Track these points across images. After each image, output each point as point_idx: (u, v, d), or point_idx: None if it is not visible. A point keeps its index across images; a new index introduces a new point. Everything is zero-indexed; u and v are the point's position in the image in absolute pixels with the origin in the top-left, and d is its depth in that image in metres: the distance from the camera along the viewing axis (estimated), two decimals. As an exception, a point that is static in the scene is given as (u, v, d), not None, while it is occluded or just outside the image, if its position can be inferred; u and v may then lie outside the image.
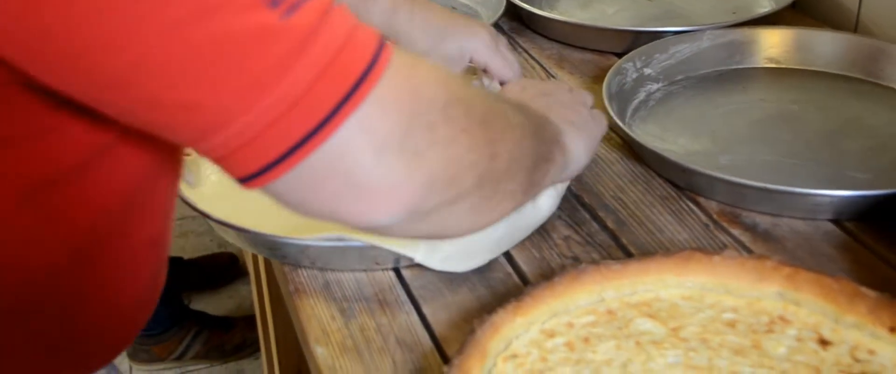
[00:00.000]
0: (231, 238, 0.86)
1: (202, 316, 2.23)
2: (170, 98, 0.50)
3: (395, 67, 0.54)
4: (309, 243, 0.79)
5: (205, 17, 0.48)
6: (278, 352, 1.58)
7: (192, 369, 2.23)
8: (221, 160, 0.53)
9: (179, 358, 2.19)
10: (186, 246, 2.58)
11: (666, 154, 0.92)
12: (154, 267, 0.73)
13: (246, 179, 0.54)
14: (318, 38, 0.51)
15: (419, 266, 0.81)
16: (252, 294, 1.71)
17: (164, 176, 0.69)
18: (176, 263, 2.39)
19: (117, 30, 0.48)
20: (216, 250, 2.54)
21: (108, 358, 0.75)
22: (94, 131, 0.59)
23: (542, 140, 0.71)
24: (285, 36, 0.50)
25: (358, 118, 0.52)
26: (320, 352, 0.73)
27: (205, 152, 0.53)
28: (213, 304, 2.39)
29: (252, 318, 2.13)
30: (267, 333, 1.64)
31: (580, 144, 0.79)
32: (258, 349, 2.17)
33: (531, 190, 0.70)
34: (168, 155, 0.68)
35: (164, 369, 2.20)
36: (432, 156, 0.56)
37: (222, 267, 2.46)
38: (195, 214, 0.86)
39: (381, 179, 0.55)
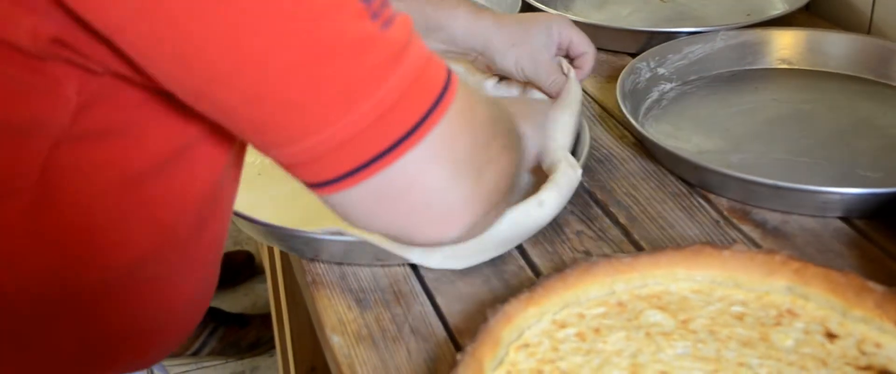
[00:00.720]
0: (249, 231, 0.87)
1: (218, 313, 2.25)
2: (275, 96, 0.51)
3: (461, 91, 0.56)
4: (324, 237, 0.80)
5: (318, 20, 0.50)
6: (293, 348, 1.60)
7: (208, 364, 2.25)
8: (300, 165, 0.54)
9: (195, 354, 2.21)
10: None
11: (678, 151, 0.93)
12: (213, 267, 0.75)
13: (320, 185, 0.55)
14: (409, 52, 0.53)
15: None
16: (267, 291, 1.73)
17: (231, 176, 0.70)
18: None
19: (235, 24, 0.49)
20: (231, 247, 2.56)
21: (162, 354, 0.76)
22: (176, 129, 0.60)
23: (520, 146, 0.71)
24: (384, 46, 0.52)
25: (439, 133, 0.54)
26: (336, 341, 0.75)
27: (280, 157, 0.54)
28: (228, 301, 2.41)
29: (267, 316, 2.15)
30: (282, 329, 1.66)
31: (528, 129, 0.80)
32: (273, 347, 2.19)
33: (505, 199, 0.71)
34: (236, 156, 0.69)
35: (179, 364, 2.22)
36: (489, 172, 0.59)
37: (239, 265, 2.48)
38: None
39: (455, 199, 0.56)
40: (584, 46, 0.98)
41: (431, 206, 0.56)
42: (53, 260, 0.63)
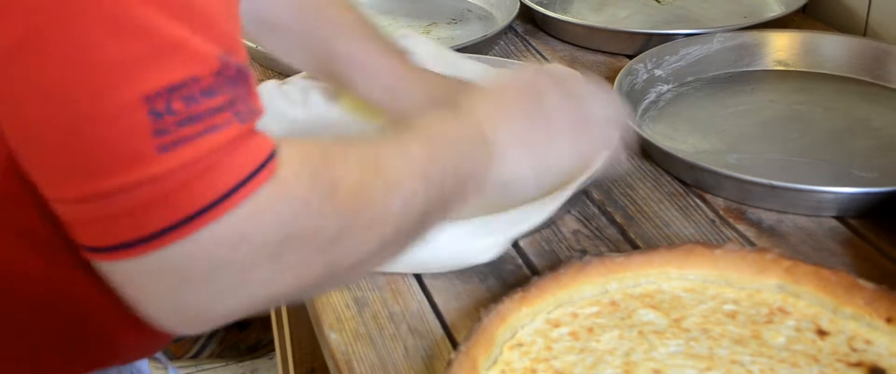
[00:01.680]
0: None
1: None
2: (27, 158, 0.54)
3: (245, 207, 0.53)
4: None
5: (90, 119, 0.50)
6: (293, 350, 1.61)
7: (208, 367, 2.26)
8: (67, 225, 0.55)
9: (195, 356, 2.22)
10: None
11: (674, 152, 0.94)
12: None
13: (92, 251, 0.55)
14: (176, 175, 0.52)
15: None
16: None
17: None
18: None
19: (26, 88, 0.51)
20: None
21: (160, 344, 0.78)
22: None
23: (442, 202, 0.68)
24: (147, 166, 0.51)
25: (169, 251, 0.53)
26: (334, 338, 0.76)
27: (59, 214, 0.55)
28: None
29: (267, 319, 2.16)
30: (282, 331, 1.67)
31: (523, 168, 0.75)
32: (272, 349, 2.19)
33: (413, 241, 0.69)
34: None
35: (179, 367, 2.23)
36: (248, 291, 0.57)
37: None
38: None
39: (176, 310, 0.56)
40: None
41: (161, 309, 0.56)
42: (50, 251, 0.64)
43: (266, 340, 2.21)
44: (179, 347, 2.19)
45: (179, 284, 0.54)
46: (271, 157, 0.55)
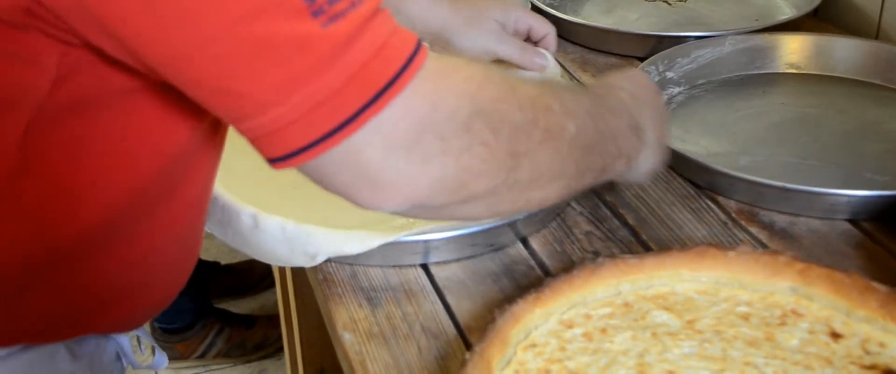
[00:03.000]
0: None
1: (224, 313, 2.26)
2: (213, 84, 0.56)
3: (423, 78, 0.59)
4: None
5: (255, 18, 0.54)
6: (302, 349, 1.61)
7: (215, 368, 2.26)
8: (253, 140, 0.59)
9: (202, 356, 2.22)
10: (210, 247, 2.61)
11: (687, 154, 0.94)
12: (192, 230, 0.77)
13: (273, 161, 0.59)
14: (354, 46, 0.56)
15: (444, 259, 0.84)
16: (276, 292, 1.74)
17: (207, 141, 0.72)
18: (211, 267, 2.42)
19: (178, 16, 0.53)
20: (241, 254, 2.56)
21: (144, 317, 0.80)
22: (146, 98, 0.64)
23: (599, 153, 0.73)
24: (323, 43, 0.55)
25: (375, 123, 0.57)
26: (348, 338, 0.76)
27: (239, 131, 0.59)
28: (236, 304, 2.42)
29: (273, 316, 2.16)
30: (291, 331, 1.67)
31: (648, 165, 0.80)
32: (280, 349, 2.19)
33: (572, 190, 0.73)
34: (211, 122, 0.71)
35: (186, 367, 2.23)
36: (441, 163, 0.61)
37: (257, 276, 2.48)
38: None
39: (387, 178, 0.60)
40: (544, 28, 1.02)
41: (364, 182, 0.60)
42: (33, 224, 0.66)
43: (273, 337, 2.22)
44: (186, 347, 2.20)
45: (386, 154, 0.59)
46: (419, 39, 0.60)
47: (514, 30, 1.02)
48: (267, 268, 2.47)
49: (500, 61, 1.02)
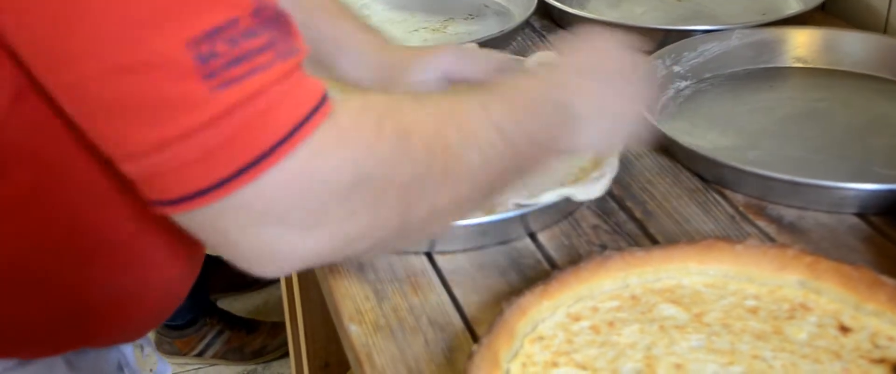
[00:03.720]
0: None
1: (227, 315, 2.24)
2: (85, 124, 0.55)
3: (307, 145, 0.55)
4: None
5: (136, 72, 0.52)
6: (307, 344, 1.61)
7: (218, 362, 2.26)
8: (129, 182, 0.56)
9: (200, 355, 2.21)
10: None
11: (695, 148, 0.94)
12: (192, 243, 0.76)
13: (151, 203, 0.57)
14: (239, 112, 0.53)
15: (450, 251, 0.84)
16: (281, 287, 1.74)
17: None
18: (213, 261, 2.41)
19: (64, 50, 0.52)
20: None
21: (144, 330, 0.79)
22: None
23: (512, 165, 0.69)
24: (206, 107, 0.52)
25: (245, 193, 0.54)
26: (354, 330, 0.76)
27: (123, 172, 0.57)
28: (240, 299, 2.42)
29: (277, 324, 2.16)
30: (295, 326, 1.67)
31: (593, 134, 0.76)
32: (278, 357, 2.18)
33: (486, 202, 0.71)
34: None
35: (185, 363, 2.23)
36: (318, 234, 0.58)
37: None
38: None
39: (255, 248, 0.57)
40: (480, 75, 0.93)
41: (233, 249, 0.57)
42: (17, 229, 0.65)
43: (273, 346, 2.20)
44: (185, 343, 2.19)
45: (256, 225, 0.56)
46: (324, 99, 0.56)
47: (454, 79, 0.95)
48: None
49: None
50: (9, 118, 0.60)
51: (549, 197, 0.83)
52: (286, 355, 2.23)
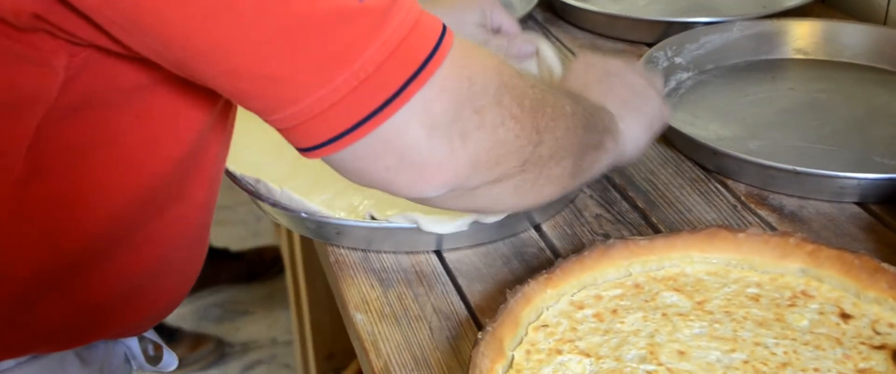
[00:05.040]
0: (272, 215, 0.89)
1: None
2: (252, 71, 0.54)
3: (454, 53, 0.58)
4: (350, 223, 0.82)
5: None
6: (312, 334, 1.62)
7: (225, 352, 2.26)
8: (287, 131, 0.57)
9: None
10: (222, 234, 2.62)
11: (698, 138, 0.94)
12: (198, 237, 0.77)
13: (308, 150, 0.58)
14: (391, 20, 0.55)
15: (457, 246, 0.84)
16: (286, 278, 1.75)
17: (216, 141, 0.72)
18: (221, 254, 2.41)
19: (210, 6, 0.52)
20: (251, 239, 2.57)
21: (151, 322, 0.79)
22: (156, 96, 0.63)
23: (593, 130, 0.74)
24: (362, 18, 0.54)
25: (419, 99, 0.57)
26: (360, 318, 0.76)
27: (273, 122, 0.57)
28: (246, 292, 2.42)
29: (200, 336, 2.15)
30: (301, 316, 1.68)
31: (636, 129, 0.81)
32: (199, 369, 2.17)
33: (580, 175, 0.73)
34: (217, 120, 0.70)
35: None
36: (478, 138, 0.61)
37: (267, 262, 2.48)
38: (228, 203, 0.89)
39: (431, 156, 0.59)
40: (513, 27, 1.00)
41: (407, 163, 0.59)
42: (42, 233, 0.65)
43: (190, 359, 2.18)
44: None
45: (429, 132, 0.58)
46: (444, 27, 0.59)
47: (491, 27, 0.99)
48: (276, 254, 2.48)
49: None
50: (54, 108, 0.60)
51: (398, 220, 0.83)
52: (206, 367, 2.21)
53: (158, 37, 0.54)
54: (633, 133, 0.80)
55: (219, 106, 0.67)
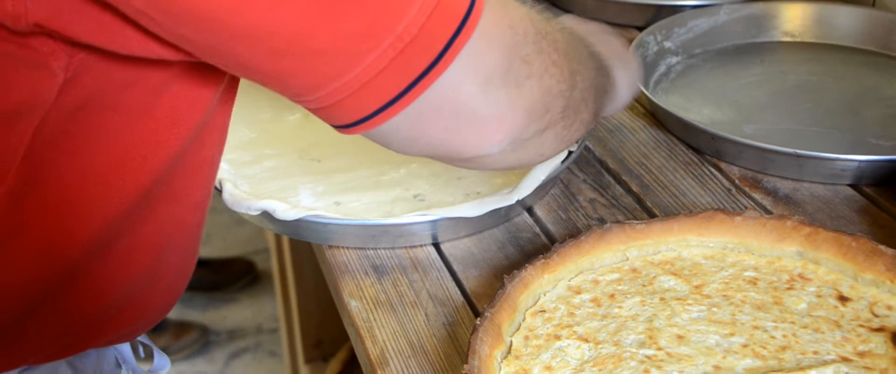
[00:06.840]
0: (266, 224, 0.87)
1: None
2: (295, 48, 0.52)
3: (491, 2, 0.57)
4: (345, 222, 0.81)
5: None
6: (300, 322, 1.61)
7: (210, 341, 2.25)
8: (329, 108, 0.55)
9: None
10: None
11: (691, 121, 0.94)
12: (193, 236, 0.75)
13: (354, 124, 0.56)
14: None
15: (453, 237, 0.83)
16: (272, 265, 1.74)
17: (210, 142, 0.70)
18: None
19: None
20: (222, 252, 2.55)
21: (146, 326, 0.77)
22: (151, 92, 0.61)
23: (603, 74, 0.74)
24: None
25: (467, 53, 0.55)
26: (354, 306, 0.76)
27: (311, 102, 0.55)
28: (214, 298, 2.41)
29: (184, 324, 2.14)
30: (288, 304, 1.67)
31: (624, 81, 0.80)
32: (184, 357, 2.16)
33: (595, 120, 0.73)
34: (214, 117, 0.69)
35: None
36: (530, 87, 0.60)
37: (235, 273, 2.44)
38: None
39: (490, 111, 0.58)
40: None
41: (466, 121, 0.58)
42: (37, 243, 0.63)
43: (176, 347, 2.18)
44: None
45: (484, 85, 0.57)
46: None
47: None
48: (246, 265, 2.45)
49: None
50: (51, 113, 0.58)
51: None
52: (191, 356, 2.21)
53: (191, 21, 0.51)
54: (621, 83, 0.79)
55: (214, 103, 0.66)
